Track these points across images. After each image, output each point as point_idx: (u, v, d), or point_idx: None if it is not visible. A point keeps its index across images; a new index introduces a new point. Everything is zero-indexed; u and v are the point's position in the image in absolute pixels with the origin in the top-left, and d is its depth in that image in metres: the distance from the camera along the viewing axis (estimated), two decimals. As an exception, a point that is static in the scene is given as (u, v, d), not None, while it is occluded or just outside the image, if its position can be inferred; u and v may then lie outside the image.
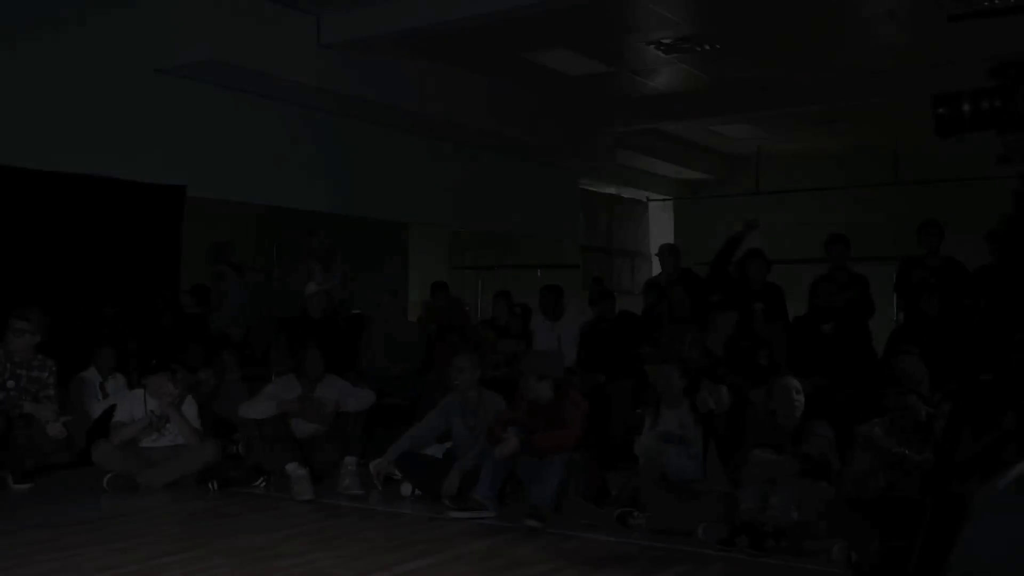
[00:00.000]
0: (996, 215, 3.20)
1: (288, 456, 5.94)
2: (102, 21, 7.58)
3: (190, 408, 6.27)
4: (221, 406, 7.51)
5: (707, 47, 9.04)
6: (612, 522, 5.04)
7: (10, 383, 5.98)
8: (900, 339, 6.39)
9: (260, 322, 9.97)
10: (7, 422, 5.83)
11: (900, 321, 7.76)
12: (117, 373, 7.12)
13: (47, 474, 6.10)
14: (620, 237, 14.84)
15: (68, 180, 7.07)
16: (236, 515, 5.27)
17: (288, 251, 12.54)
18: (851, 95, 10.37)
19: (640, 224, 15.38)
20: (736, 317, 6.69)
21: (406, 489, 5.85)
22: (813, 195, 13.25)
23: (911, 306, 7.12)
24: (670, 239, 14.39)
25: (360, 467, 6.05)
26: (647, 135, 12.98)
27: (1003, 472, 1.91)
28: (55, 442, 5.96)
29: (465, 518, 5.23)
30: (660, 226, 15.68)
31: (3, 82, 6.96)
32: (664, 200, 15.72)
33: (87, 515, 5.30)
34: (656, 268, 14.32)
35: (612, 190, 14.73)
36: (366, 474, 6.02)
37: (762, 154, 13.99)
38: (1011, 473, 1.90)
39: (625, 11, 8.19)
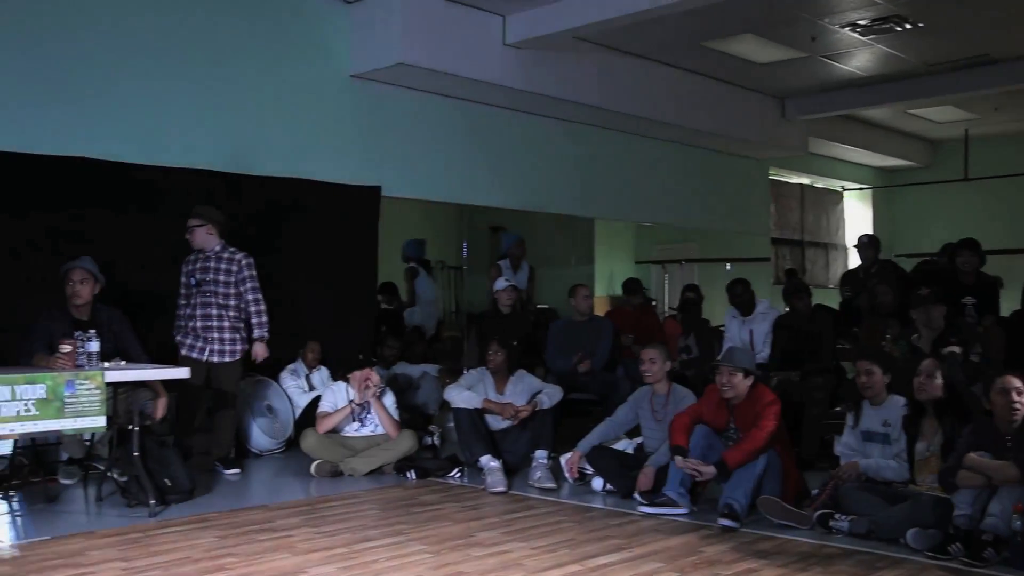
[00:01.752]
0: None
1: (481, 449, 6.09)
2: (299, 32, 8.01)
3: (389, 400, 6.52)
4: (416, 398, 7.79)
5: (908, 26, 8.54)
6: (812, 523, 4.86)
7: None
8: None
9: (451, 317, 10.28)
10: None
11: None
12: (322, 366, 7.50)
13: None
14: (813, 228, 14.29)
15: (278, 184, 7.51)
16: (433, 505, 5.43)
17: (477, 248, 12.86)
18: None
19: (834, 214, 14.76)
20: (945, 311, 6.28)
21: (597, 483, 5.86)
22: (1029, 180, 12.31)
23: None
24: (868, 230, 13.73)
25: (551, 460, 6.11)
26: (841, 121, 12.43)
27: None
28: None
29: (657, 514, 5.19)
30: (856, 216, 15.00)
31: (218, 98, 7.47)
32: (861, 189, 15.02)
33: (297, 499, 5.62)
34: (852, 260, 13.72)
35: (804, 180, 14.20)
36: (557, 467, 6.08)
37: (970, 138, 13.10)
38: None
39: (818, -7, 7.89)
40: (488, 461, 5.98)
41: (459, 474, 6.21)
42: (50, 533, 4.64)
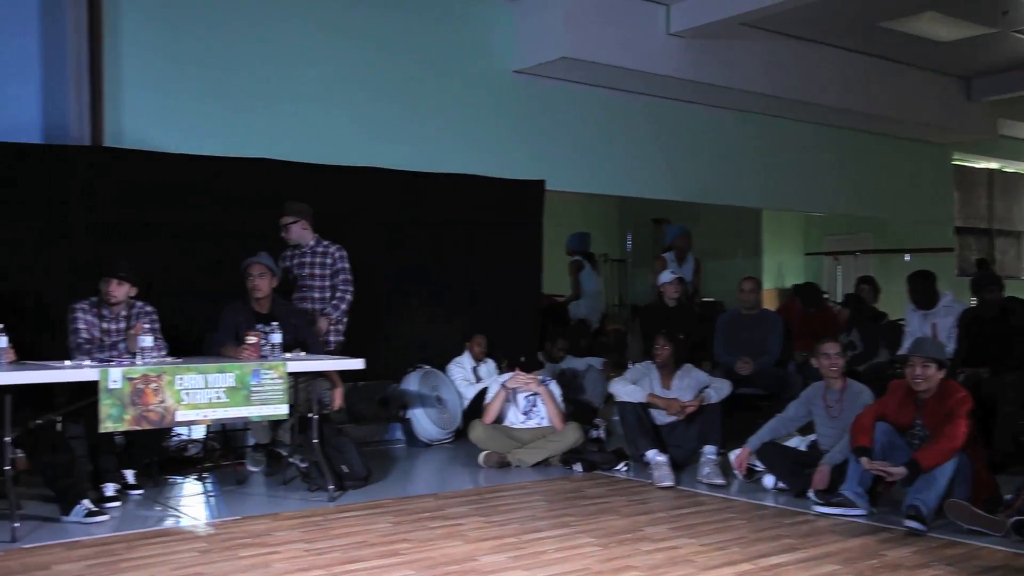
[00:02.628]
0: None
1: (647, 443, 6.03)
2: (464, 30, 8.16)
3: (556, 392, 6.55)
4: (581, 391, 7.80)
5: (1113, -7, 7.87)
6: (1007, 530, 4.54)
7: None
8: None
9: (614, 310, 10.21)
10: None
11: None
12: (488, 359, 7.63)
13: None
14: (1003, 216, 13.39)
15: (446, 180, 7.68)
16: (600, 498, 5.42)
17: (640, 240, 12.75)
18: None
19: (1026, 201, 13.79)
20: None
21: (769, 481, 5.69)
22: None
23: None
24: (1064, 216, 12.75)
25: (719, 456, 5.99)
26: (1035, 101, 11.58)
27: None
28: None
29: (833, 514, 4.99)
30: (1051, 202, 13.96)
31: (387, 97, 7.72)
32: (1056, 173, 13.96)
33: (465, 488, 5.73)
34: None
35: (992, 164, 13.31)
36: (725, 463, 5.95)
37: None
38: None
39: (1009, -37, 7.36)
40: (655, 455, 5.92)
41: (625, 468, 6.17)
42: (239, 513, 4.93)
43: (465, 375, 7.52)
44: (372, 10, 7.70)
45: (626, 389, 6.24)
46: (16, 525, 4.39)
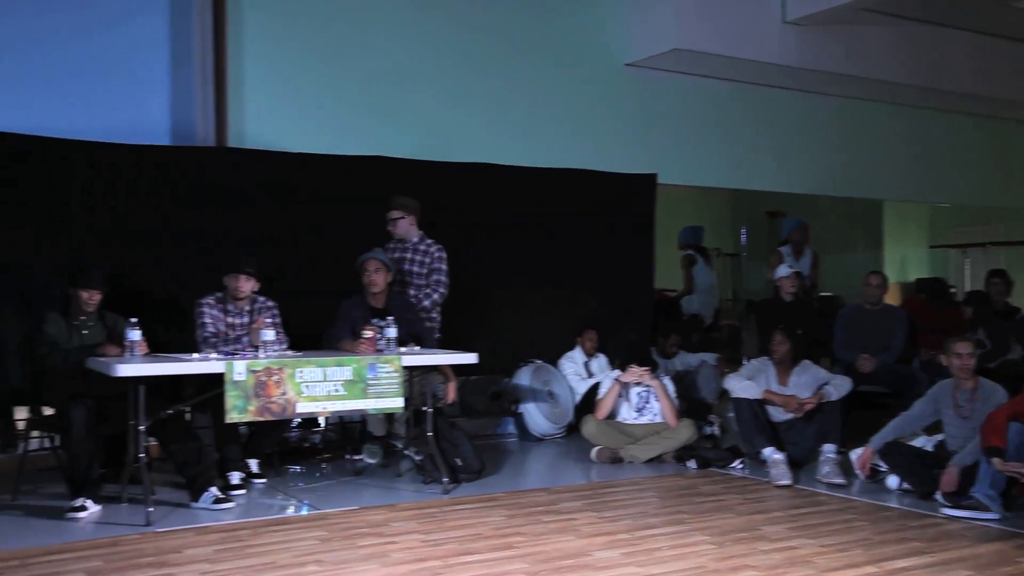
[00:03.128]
0: None
1: (763, 440, 5.90)
2: (576, 24, 8.14)
3: (670, 387, 6.48)
4: (695, 388, 7.68)
5: None
6: None
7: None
8: None
9: (727, 305, 10.02)
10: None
11: None
12: (600, 354, 7.59)
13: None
14: None
15: (557, 175, 7.67)
16: (715, 495, 5.34)
17: (755, 234, 12.48)
18: None
19: None
20: None
21: (893, 482, 5.49)
22: None
23: None
24: None
25: (840, 455, 5.81)
26: None
27: None
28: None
29: (963, 517, 4.78)
30: None
31: (501, 93, 7.77)
32: None
33: (578, 483, 5.73)
34: None
35: None
36: (846, 463, 5.77)
37: None
38: None
39: None
40: (771, 453, 5.79)
41: (741, 465, 6.05)
42: (357, 503, 5.05)
43: (577, 370, 7.51)
44: (489, 7, 7.77)
45: (742, 385, 6.11)
46: (150, 510, 4.60)
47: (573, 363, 7.53)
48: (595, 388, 6.91)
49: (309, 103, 7.10)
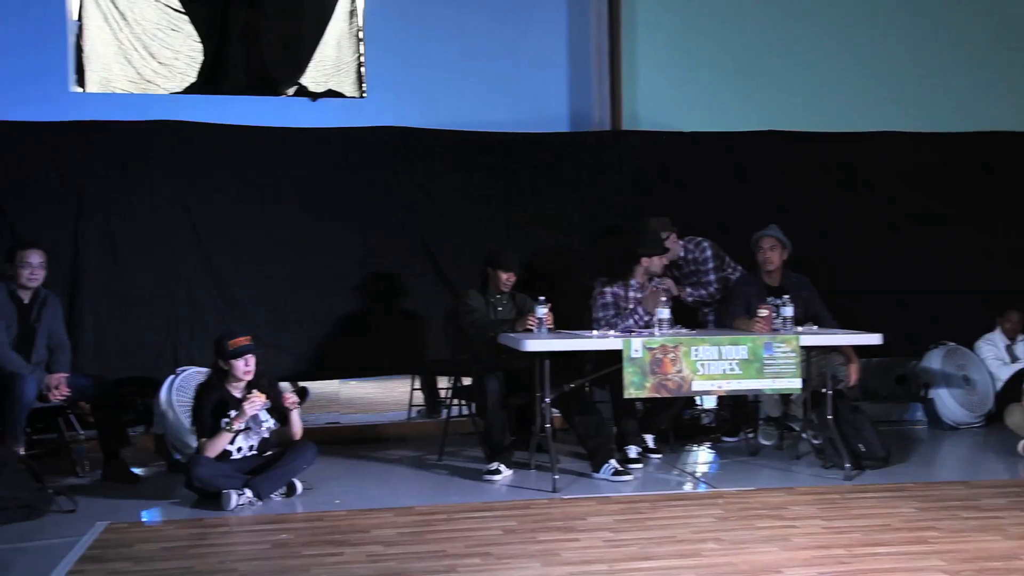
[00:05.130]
0: None
1: None
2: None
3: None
4: None
5: None
6: None
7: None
8: None
9: None
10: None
11: None
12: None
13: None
14: None
15: (960, 140, 6.98)
16: None
17: None
18: None
19: None
20: None
21: None
22: None
23: None
24: None
25: None
26: None
27: None
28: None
29: None
30: None
31: (905, 61, 7.21)
32: None
33: (1002, 479, 5.16)
34: None
35: None
36: None
37: None
38: None
39: None
40: None
41: None
42: (753, 484, 4.98)
43: (997, 354, 6.78)
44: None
45: None
46: (556, 477, 4.89)
47: (993, 346, 6.81)
48: (1020, 375, 6.19)
49: (700, 82, 7.10)
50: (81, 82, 7.14)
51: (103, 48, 7.30)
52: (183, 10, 7.44)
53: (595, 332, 5.33)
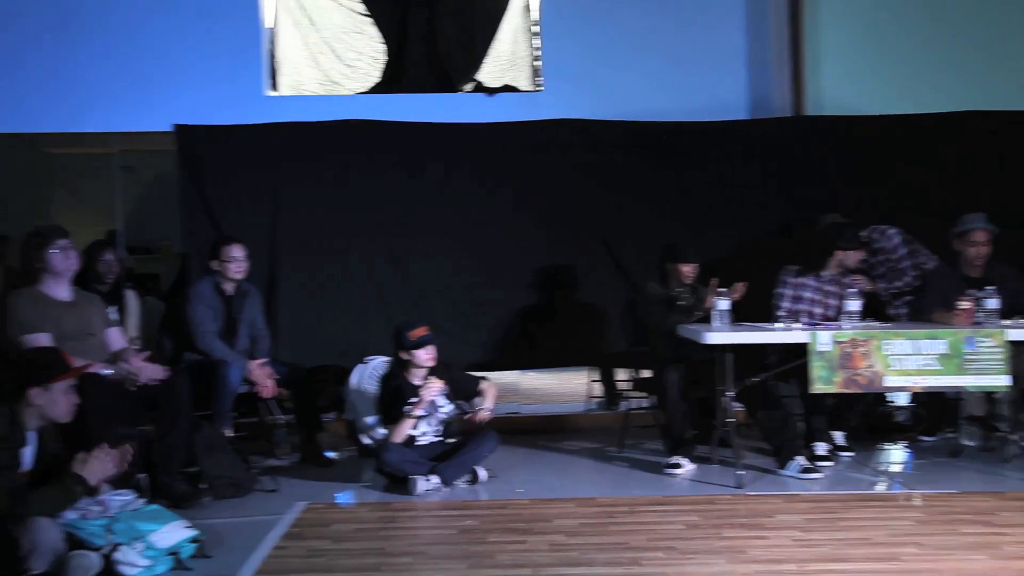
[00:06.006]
0: None
1: None
2: None
3: None
4: None
5: None
6: None
7: None
8: None
9: None
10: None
11: None
12: None
13: None
14: None
15: None
16: None
17: None
18: None
19: None
20: None
21: None
22: None
23: None
24: None
25: None
26: None
27: None
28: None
29: None
30: None
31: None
32: None
33: None
34: None
35: None
36: None
37: None
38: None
39: None
40: None
41: None
42: (956, 487, 4.68)
43: None
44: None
45: None
46: (740, 473, 4.78)
47: None
48: None
49: (887, 64, 6.74)
50: (274, 86, 7.53)
51: (294, 53, 7.66)
52: (367, 12, 7.71)
53: (780, 324, 5.16)
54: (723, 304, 5.06)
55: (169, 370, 4.71)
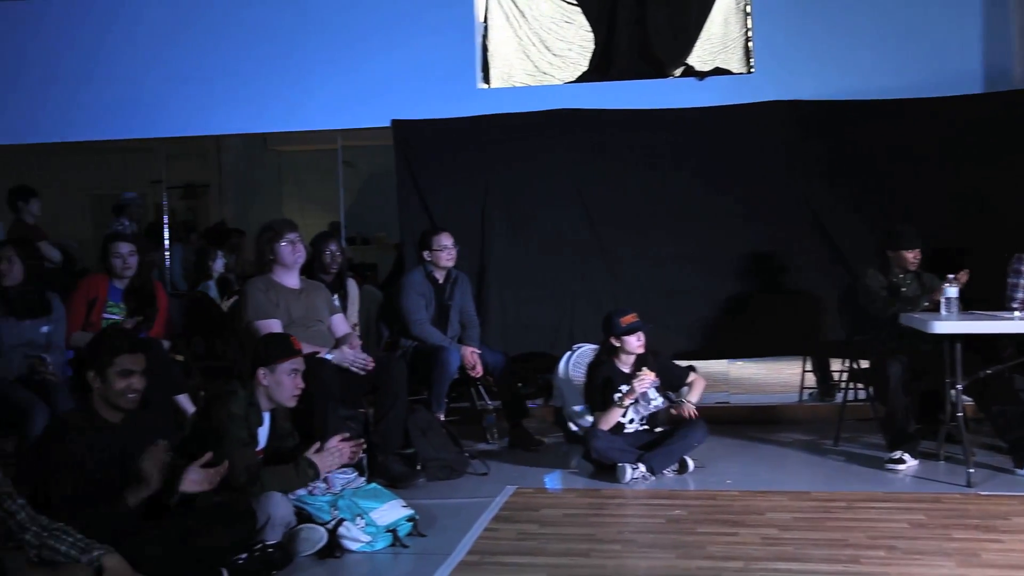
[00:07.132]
0: None
1: None
2: None
3: None
4: None
5: None
6: None
7: None
8: None
9: None
10: None
11: None
12: None
13: None
14: None
15: None
16: None
17: None
18: None
19: None
20: None
21: None
22: None
23: None
24: None
25: None
26: None
27: None
28: None
29: None
30: None
31: None
32: None
33: None
34: None
35: None
36: None
37: None
38: None
39: None
40: None
41: None
42: None
43: None
44: None
45: None
46: (971, 471, 4.45)
47: None
48: None
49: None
50: (486, 79, 7.71)
51: (505, 46, 7.81)
52: (576, 2, 7.74)
53: (1016, 313, 4.76)
54: (951, 291, 4.73)
55: (372, 360, 4.83)
